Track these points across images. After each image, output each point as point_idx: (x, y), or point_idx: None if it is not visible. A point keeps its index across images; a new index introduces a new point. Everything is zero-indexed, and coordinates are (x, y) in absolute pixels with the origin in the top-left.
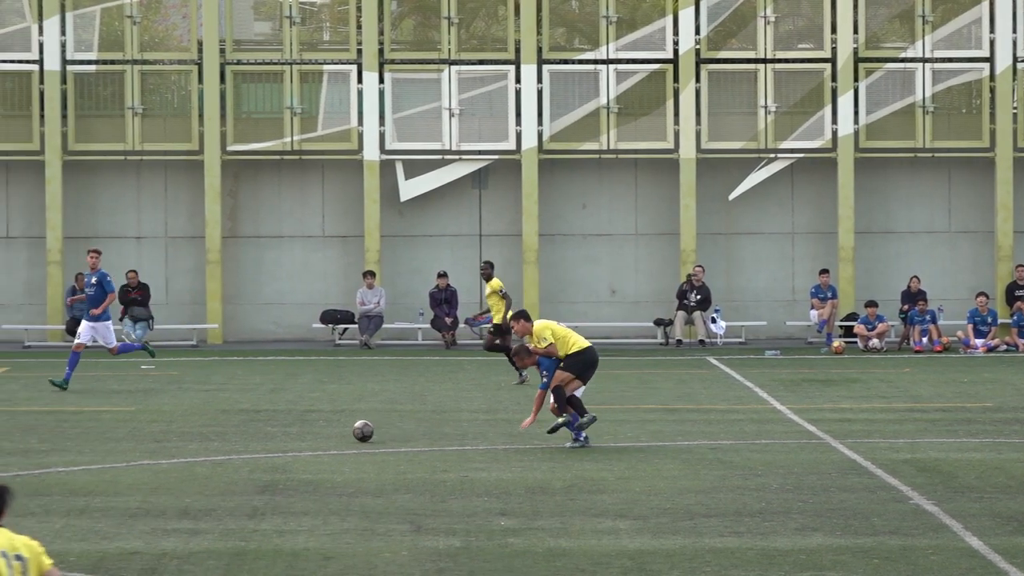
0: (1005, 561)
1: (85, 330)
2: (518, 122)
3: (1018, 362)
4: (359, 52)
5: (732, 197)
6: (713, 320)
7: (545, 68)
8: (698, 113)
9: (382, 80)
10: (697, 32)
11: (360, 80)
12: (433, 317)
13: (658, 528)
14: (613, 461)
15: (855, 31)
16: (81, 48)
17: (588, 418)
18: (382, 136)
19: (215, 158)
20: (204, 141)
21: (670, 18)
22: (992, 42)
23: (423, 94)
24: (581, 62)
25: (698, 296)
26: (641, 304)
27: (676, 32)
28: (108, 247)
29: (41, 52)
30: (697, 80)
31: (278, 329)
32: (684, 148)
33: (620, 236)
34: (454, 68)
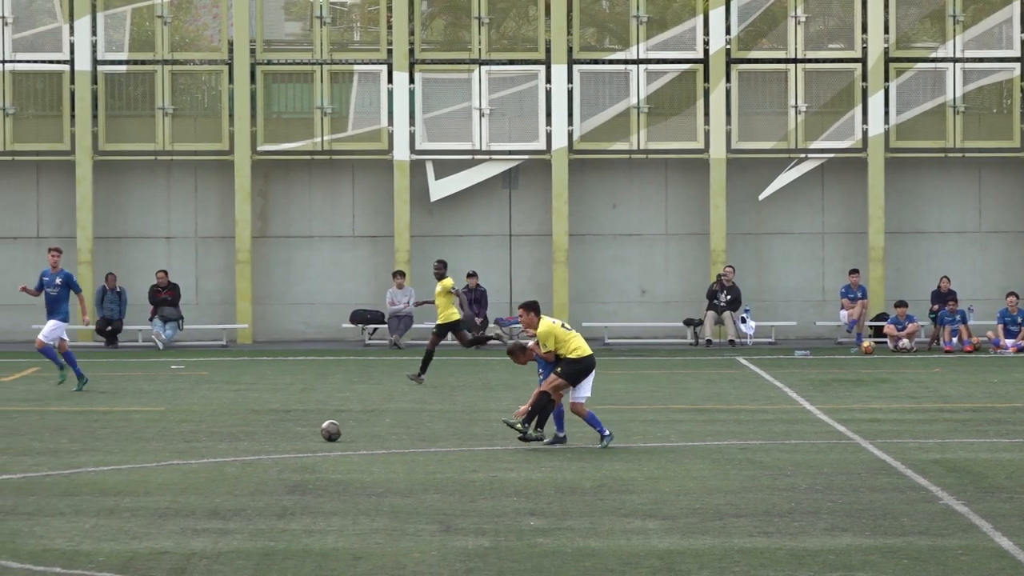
0: None
1: (56, 329)
2: (548, 122)
3: None
4: (389, 52)
5: (762, 197)
6: (743, 320)
7: (575, 68)
8: (728, 113)
9: (412, 80)
10: (728, 32)
11: (390, 80)
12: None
13: (687, 528)
14: (642, 461)
15: (886, 31)
16: (112, 48)
17: (537, 436)
18: (412, 136)
19: (245, 158)
20: (234, 141)
21: (700, 18)
22: (1023, 42)
23: (453, 94)
24: (611, 62)
25: (728, 296)
26: (671, 304)
27: (707, 32)
28: (138, 247)
29: (72, 52)
30: (728, 80)
31: (308, 329)
32: (714, 148)
33: (650, 236)
34: (484, 68)
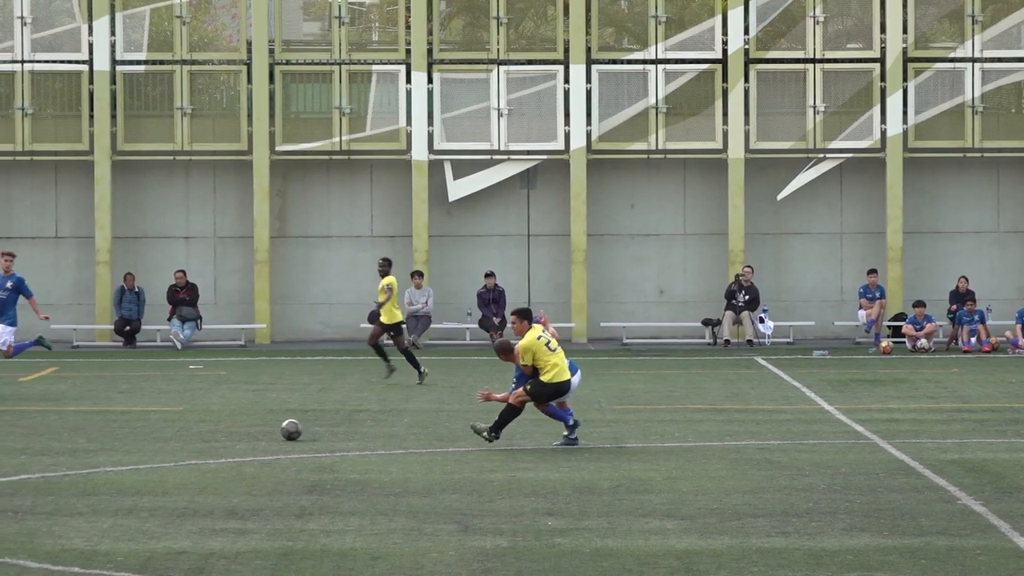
0: None
1: (2, 333)
2: (567, 122)
3: None
4: (408, 52)
5: (780, 197)
6: (761, 320)
7: (594, 68)
8: (747, 113)
9: (431, 80)
10: (746, 32)
11: (409, 80)
12: (481, 317)
13: (705, 528)
14: (660, 461)
15: (904, 31)
16: (131, 48)
17: (492, 437)
18: (431, 136)
19: (264, 158)
20: (253, 141)
21: (719, 18)
22: None
23: (472, 94)
24: (630, 62)
25: (746, 296)
26: (689, 304)
27: (725, 32)
28: (157, 247)
29: (91, 52)
30: (746, 80)
31: (326, 329)
32: (733, 148)
33: (668, 236)
34: (503, 68)
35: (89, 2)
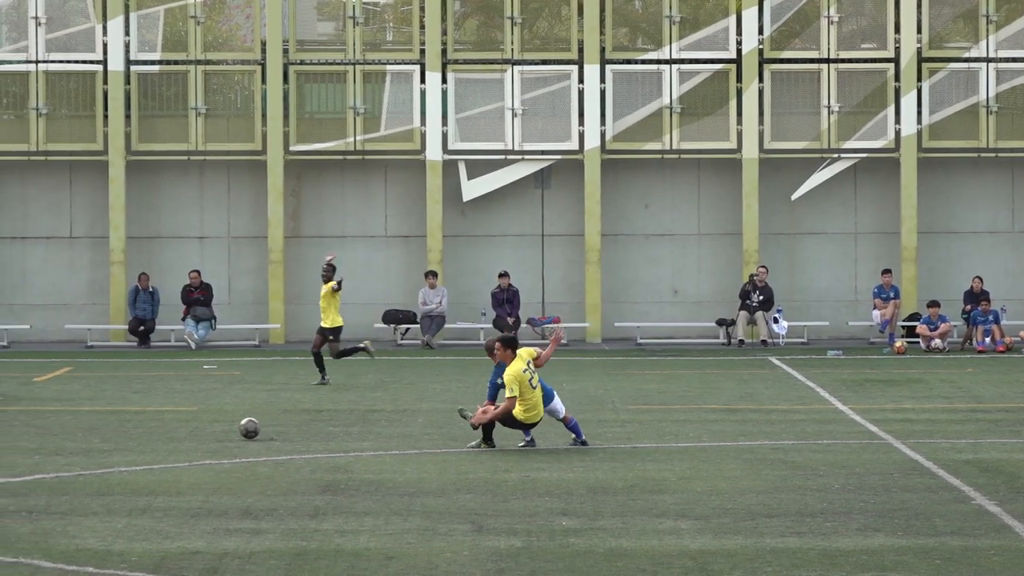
0: None
1: None
2: (581, 122)
3: None
4: (422, 52)
5: (795, 197)
6: (775, 320)
7: (608, 68)
8: (761, 113)
9: (445, 80)
10: (760, 32)
11: (423, 80)
12: (495, 317)
13: (719, 528)
14: (675, 461)
15: (919, 31)
16: (145, 48)
17: (479, 444)
18: (445, 136)
19: (278, 158)
20: (267, 141)
21: (733, 18)
22: None
23: (486, 94)
24: (644, 62)
25: (761, 296)
26: (703, 304)
27: (739, 32)
28: (171, 247)
29: (105, 52)
30: (760, 80)
31: None
32: (747, 148)
33: (683, 236)
34: (517, 68)
35: (103, 2)
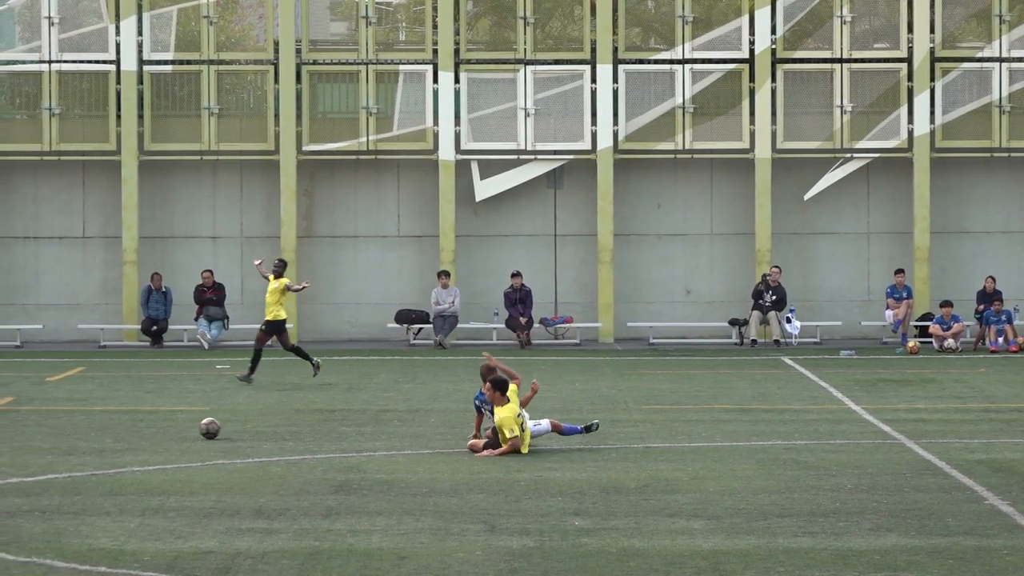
0: None
1: None
2: (593, 122)
3: None
4: (435, 52)
5: (808, 197)
6: (788, 320)
7: (621, 68)
8: (774, 113)
9: (458, 80)
10: (773, 32)
11: (436, 80)
12: (508, 317)
13: (732, 528)
14: (687, 461)
15: (932, 31)
16: (158, 48)
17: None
18: (457, 136)
19: (291, 158)
20: (280, 141)
21: (746, 18)
22: None
23: (499, 94)
24: (657, 62)
25: (773, 296)
26: (716, 304)
27: (752, 32)
28: (184, 247)
29: (118, 52)
30: (773, 80)
31: (353, 329)
32: (760, 148)
33: (695, 236)
34: (530, 68)
35: (116, 2)
